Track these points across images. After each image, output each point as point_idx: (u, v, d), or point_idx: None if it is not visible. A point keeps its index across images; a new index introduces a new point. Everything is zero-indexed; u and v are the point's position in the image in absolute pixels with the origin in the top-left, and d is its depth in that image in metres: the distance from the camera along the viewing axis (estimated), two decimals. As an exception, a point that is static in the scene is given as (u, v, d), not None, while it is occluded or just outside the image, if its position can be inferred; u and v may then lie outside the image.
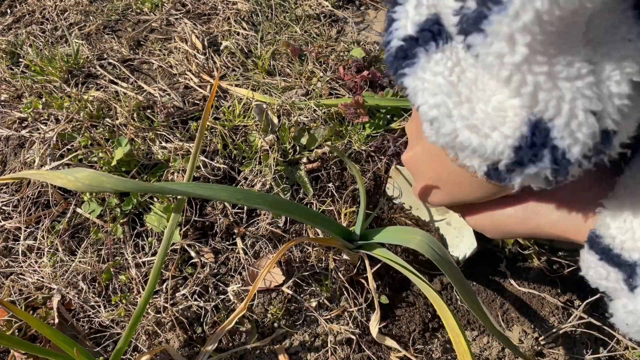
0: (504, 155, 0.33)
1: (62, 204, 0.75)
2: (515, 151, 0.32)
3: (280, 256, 0.66)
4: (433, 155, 0.49)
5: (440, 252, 0.55)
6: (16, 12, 1.09)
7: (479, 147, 0.33)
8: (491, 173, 0.35)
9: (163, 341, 0.64)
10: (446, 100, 0.34)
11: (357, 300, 0.69)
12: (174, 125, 0.82)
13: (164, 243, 0.55)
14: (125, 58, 0.96)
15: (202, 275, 0.68)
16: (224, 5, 1.07)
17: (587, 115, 0.30)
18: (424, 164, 0.52)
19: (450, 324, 0.54)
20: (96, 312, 0.66)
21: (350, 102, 0.79)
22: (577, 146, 0.31)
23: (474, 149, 0.34)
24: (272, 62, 0.94)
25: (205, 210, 0.73)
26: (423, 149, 0.51)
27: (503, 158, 0.33)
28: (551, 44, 0.28)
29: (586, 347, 0.69)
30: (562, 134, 0.30)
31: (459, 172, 0.43)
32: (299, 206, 0.64)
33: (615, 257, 0.38)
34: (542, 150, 0.31)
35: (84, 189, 0.49)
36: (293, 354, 0.65)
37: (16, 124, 0.84)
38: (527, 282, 0.72)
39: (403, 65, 0.36)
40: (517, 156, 0.33)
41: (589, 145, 0.31)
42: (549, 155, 0.31)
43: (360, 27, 1.06)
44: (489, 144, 0.33)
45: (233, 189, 0.56)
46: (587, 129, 0.30)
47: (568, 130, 0.30)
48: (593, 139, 0.30)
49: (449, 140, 0.35)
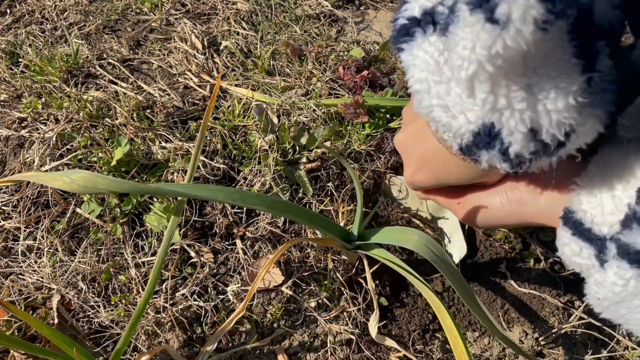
0: (464, 137, 0.40)
1: (61, 204, 0.75)
2: (475, 136, 0.39)
3: (279, 256, 0.66)
4: (421, 136, 0.51)
5: (438, 252, 0.55)
6: (16, 12, 1.09)
7: (446, 125, 0.40)
8: (463, 149, 0.41)
9: (163, 341, 0.64)
10: (429, 78, 0.39)
11: (356, 300, 0.69)
12: (173, 125, 0.82)
13: (164, 243, 0.55)
14: (125, 58, 0.96)
15: (202, 275, 0.68)
16: (224, 5, 1.07)
17: (523, 130, 0.36)
18: (413, 145, 0.55)
19: (448, 325, 0.54)
20: (96, 312, 0.66)
21: (350, 102, 0.79)
22: (516, 148, 0.38)
23: (443, 125, 0.40)
24: (272, 62, 0.94)
25: (205, 210, 0.73)
26: (413, 130, 0.54)
27: (463, 139, 0.40)
28: (497, 74, 0.34)
29: (586, 348, 0.69)
30: (508, 138, 0.37)
31: (443, 151, 0.47)
32: (296, 206, 0.64)
33: (586, 231, 0.40)
34: (494, 141, 0.38)
35: (80, 190, 0.49)
36: (292, 354, 0.65)
37: (16, 124, 0.84)
38: (527, 282, 0.72)
39: (401, 41, 0.41)
40: (475, 140, 0.39)
41: (526, 151, 0.38)
42: (498, 147, 0.38)
43: (360, 27, 1.06)
44: (454, 124, 0.39)
45: (230, 190, 0.56)
46: (522, 141, 0.37)
47: (511, 137, 0.37)
48: (528, 149, 0.37)
49: (426, 113, 0.41)
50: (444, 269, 0.53)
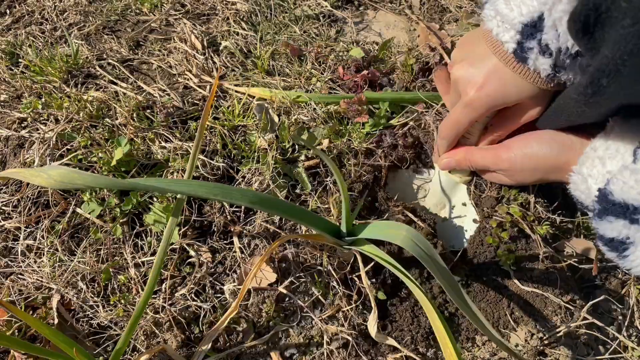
0: (516, 27, 0.53)
1: (61, 204, 0.75)
2: (522, 27, 0.53)
3: (271, 253, 0.66)
4: (482, 59, 0.60)
5: (426, 248, 0.53)
6: (15, 13, 1.09)
7: (505, 15, 0.54)
8: (515, 48, 0.55)
9: (161, 341, 0.64)
10: None
11: (351, 299, 0.68)
12: (173, 125, 0.82)
13: (163, 243, 0.55)
14: (125, 58, 0.96)
15: (200, 275, 0.68)
16: (223, 5, 1.07)
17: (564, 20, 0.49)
18: (473, 68, 0.61)
19: (437, 326, 0.52)
20: (95, 312, 0.66)
21: (353, 99, 0.79)
22: (555, 44, 0.52)
23: (502, 15, 0.54)
24: (272, 62, 0.94)
25: (204, 210, 0.73)
26: (474, 55, 0.61)
27: (514, 28, 0.54)
28: None
29: (588, 348, 0.68)
30: (546, 32, 0.51)
31: (501, 69, 0.58)
32: (282, 202, 0.62)
33: None
34: (536, 33, 0.52)
35: (57, 186, 0.50)
36: (287, 354, 0.65)
37: (16, 124, 0.84)
38: (531, 281, 0.72)
39: None
40: (522, 30, 0.53)
41: (555, 46, 0.52)
42: (538, 37, 0.52)
43: (360, 27, 1.06)
44: (510, 14, 0.53)
45: (211, 185, 0.54)
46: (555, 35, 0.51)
47: (549, 32, 0.51)
48: (556, 44, 0.52)
49: (491, 3, 0.57)
50: (432, 266, 0.52)
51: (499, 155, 0.65)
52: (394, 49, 0.98)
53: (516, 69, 0.56)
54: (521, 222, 0.71)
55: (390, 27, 1.06)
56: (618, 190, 0.49)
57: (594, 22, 0.42)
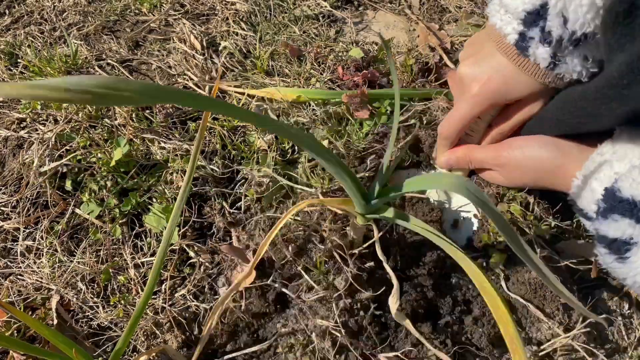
0: (519, 15, 0.55)
1: (60, 205, 0.75)
2: (525, 15, 0.54)
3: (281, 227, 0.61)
4: (487, 57, 0.62)
5: (479, 194, 0.46)
6: (14, 13, 1.09)
7: (508, 4, 0.56)
8: (518, 42, 0.56)
9: (161, 342, 0.64)
10: None
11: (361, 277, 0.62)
12: (172, 125, 0.82)
13: (163, 243, 0.55)
14: (124, 58, 0.96)
15: (200, 276, 0.68)
16: (223, 5, 1.07)
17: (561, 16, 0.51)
18: (478, 65, 0.63)
19: (487, 289, 0.49)
20: (95, 313, 0.66)
21: (356, 93, 0.79)
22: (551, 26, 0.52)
23: (505, 5, 0.56)
24: (271, 63, 0.94)
25: (204, 211, 0.73)
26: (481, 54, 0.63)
27: (517, 17, 0.55)
28: None
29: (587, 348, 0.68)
30: (549, 20, 0.52)
31: (504, 66, 0.60)
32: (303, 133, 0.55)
33: None
34: (539, 21, 0.53)
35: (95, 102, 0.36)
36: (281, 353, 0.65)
37: (15, 125, 0.84)
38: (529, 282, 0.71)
39: None
40: (525, 18, 0.54)
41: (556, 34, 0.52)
42: (541, 25, 0.53)
43: (359, 28, 1.06)
44: (513, 3, 0.55)
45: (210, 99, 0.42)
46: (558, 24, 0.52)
47: (553, 20, 0.52)
48: (558, 32, 0.52)
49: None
50: (488, 210, 0.45)
51: (500, 151, 0.66)
52: (393, 50, 0.98)
53: (517, 62, 0.58)
54: (521, 220, 0.71)
55: (390, 27, 1.06)
56: (627, 187, 0.49)
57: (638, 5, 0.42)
